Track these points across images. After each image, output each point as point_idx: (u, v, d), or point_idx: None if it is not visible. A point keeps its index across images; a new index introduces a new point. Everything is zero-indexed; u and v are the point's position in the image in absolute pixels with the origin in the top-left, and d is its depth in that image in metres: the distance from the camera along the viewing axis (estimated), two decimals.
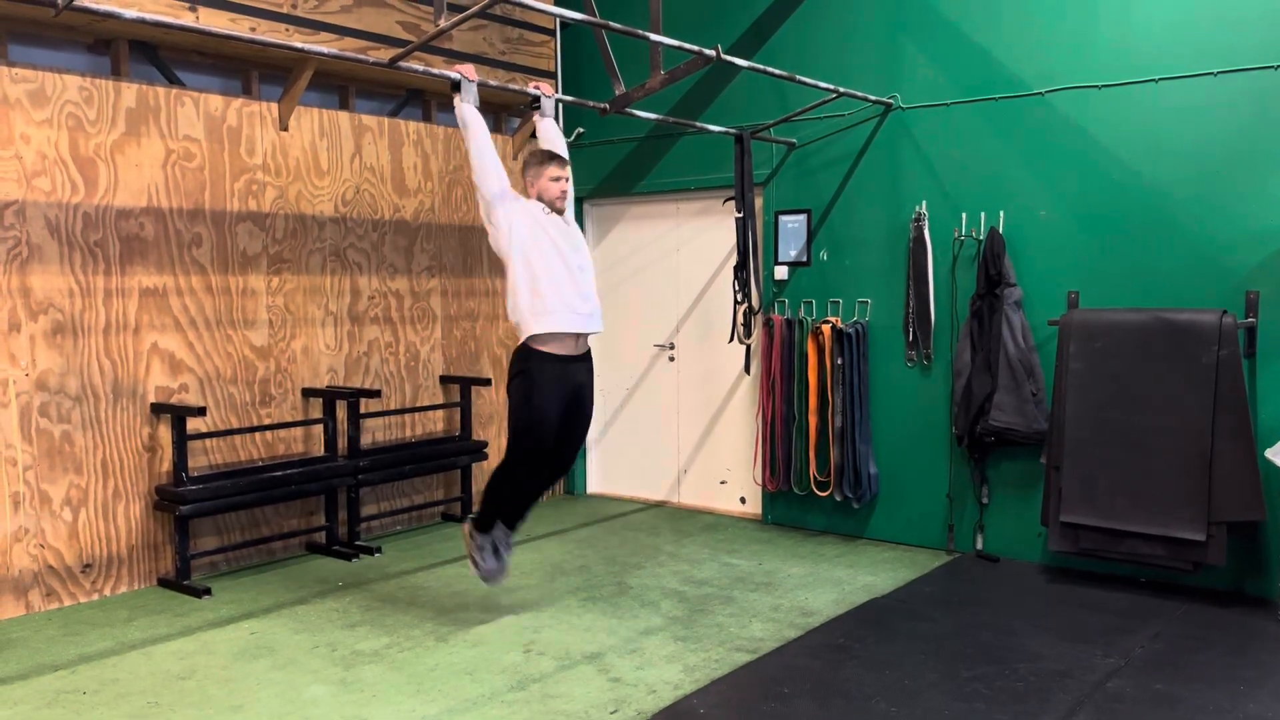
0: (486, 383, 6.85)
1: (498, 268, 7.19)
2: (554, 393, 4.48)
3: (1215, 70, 5.10)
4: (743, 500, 7.02)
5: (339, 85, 6.37)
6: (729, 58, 4.92)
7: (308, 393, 6.07)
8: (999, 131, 5.75)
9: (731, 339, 6.40)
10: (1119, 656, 4.31)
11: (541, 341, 4.46)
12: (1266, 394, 5.03)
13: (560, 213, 4.63)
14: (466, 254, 7.02)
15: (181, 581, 5.34)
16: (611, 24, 4.56)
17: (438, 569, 5.73)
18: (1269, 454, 4.71)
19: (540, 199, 4.59)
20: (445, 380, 6.89)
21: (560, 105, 5.84)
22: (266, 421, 5.90)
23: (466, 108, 4.47)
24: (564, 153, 4.79)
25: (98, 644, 4.58)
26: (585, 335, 4.59)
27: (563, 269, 4.49)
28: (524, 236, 4.47)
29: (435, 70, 4.69)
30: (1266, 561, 5.04)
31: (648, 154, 7.20)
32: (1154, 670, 4.16)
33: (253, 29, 5.42)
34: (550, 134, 4.91)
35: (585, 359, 4.65)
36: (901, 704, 3.85)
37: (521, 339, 4.50)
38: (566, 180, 4.64)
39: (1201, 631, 4.62)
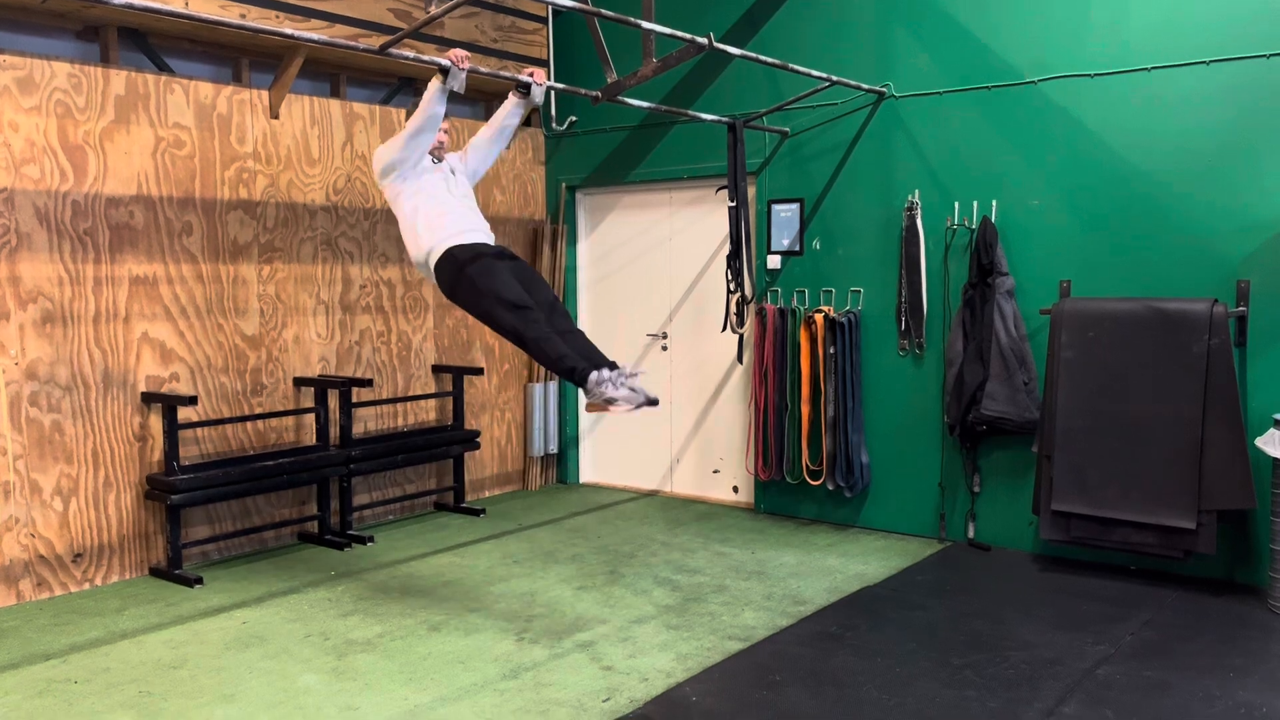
0: (479, 372, 6.84)
1: None
2: (472, 256, 4.42)
3: (1208, 59, 5.10)
4: (735, 489, 7.02)
5: (330, 73, 6.33)
6: (721, 46, 4.90)
7: (299, 382, 6.05)
8: (992, 121, 5.74)
9: (724, 328, 6.40)
10: (1110, 644, 4.33)
11: (446, 247, 4.45)
12: (1257, 383, 5.05)
13: (441, 160, 4.70)
14: None
15: (173, 571, 5.33)
16: (604, 11, 4.54)
17: (430, 558, 5.73)
18: (1259, 442, 4.73)
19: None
20: (437, 369, 6.88)
21: (552, 93, 5.81)
22: (258, 411, 5.89)
23: (438, 105, 4.39)
24: (494, 133, 4.83)
25: (89, 633, 4.57)
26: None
27: (449, 208, 4.54)
28: (411, 190, 4.53)
29: (426, 57, 4.66)
30: (1256, 550, 5.06)
31: (640, 143, 7.18)
32: (1144, 657, 4.18)
33: (243, 15, 5.38)
34: (505, 117, 4.85)
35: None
36: (893, 691, 3.87)
37: (434, 263, 4.46)
38: (443, 132, 4.68)
39: (1192, 619, 4.64)
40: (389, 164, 4.52)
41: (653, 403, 4.21)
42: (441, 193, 4.60)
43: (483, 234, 4.62)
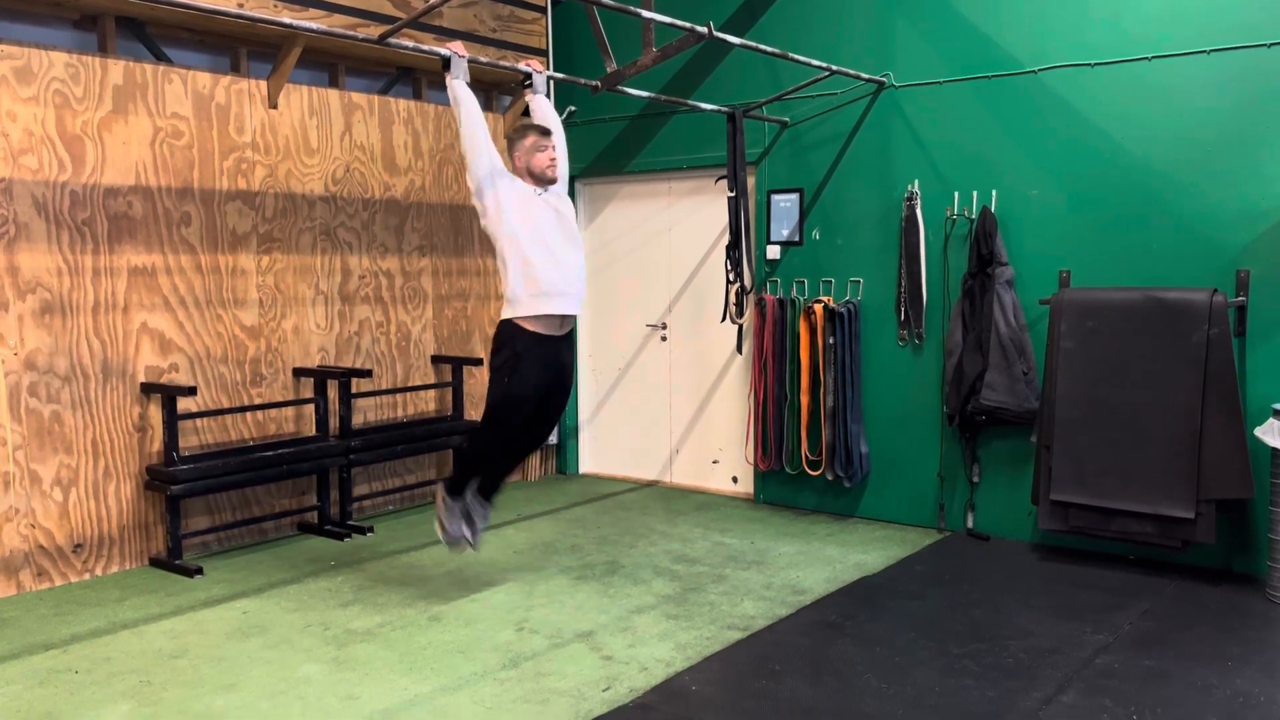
0: (478, 362, 6.84)
1: (489, 247, 7.16)
2: (538, 371, 4.49)
3: (1208, 48, 5.09)
4: (735, 480, 7.03)
5: (329, 63, 6.32)
6: (721, 35, 4.89)
7: (299, 372, 6.05)
8: (991, 110, 5.73)
9: (724, 319, 6.39)
10: (1108, 633, 4.34)
11: (528, 321, 4.47)
12: (1256, 372, 5.05)
13: (553, 182, 4.63)
14: (457, 233, 6.99)
15: (173, 561, 5.34)
16: (603, 0, 4.53)
17: (430, 548, 5.74)
18: (1258, 432, 4.73)
19: (530, 173, 4.57)
20: (437, 360, 6.88)
21: (551, 83, 5.81)
22: (257, 401, 5.89)
23: (458, 84, 4.44)
24: (556, 126, 4.78)
25: (90, 623, 4.58)
26: (571, 316, 4.59)
27: (552, 251, 4.49)
28: (513, 219, 4.45)
29: (425, 47, 4.65)
30: (1254, 539, 5.07)
31: (639, 132, 7.17)
32: (1143, 647, 4.19)
33: (241, 4, 5.37)
34: (544, 109, 4.90)
35: (569, 338, 4.66)
36: (892, 681, 3.87)
37: (507, 316, 4.50)
38: (553, 148, 4.63)
39: (1190, 608, 4.65)
40: (472, 176, 4.47)
41: (457, 543, 4.77)
42: (539, 230, 4.48)
43: (573, 299, 4.54)
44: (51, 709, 3.72)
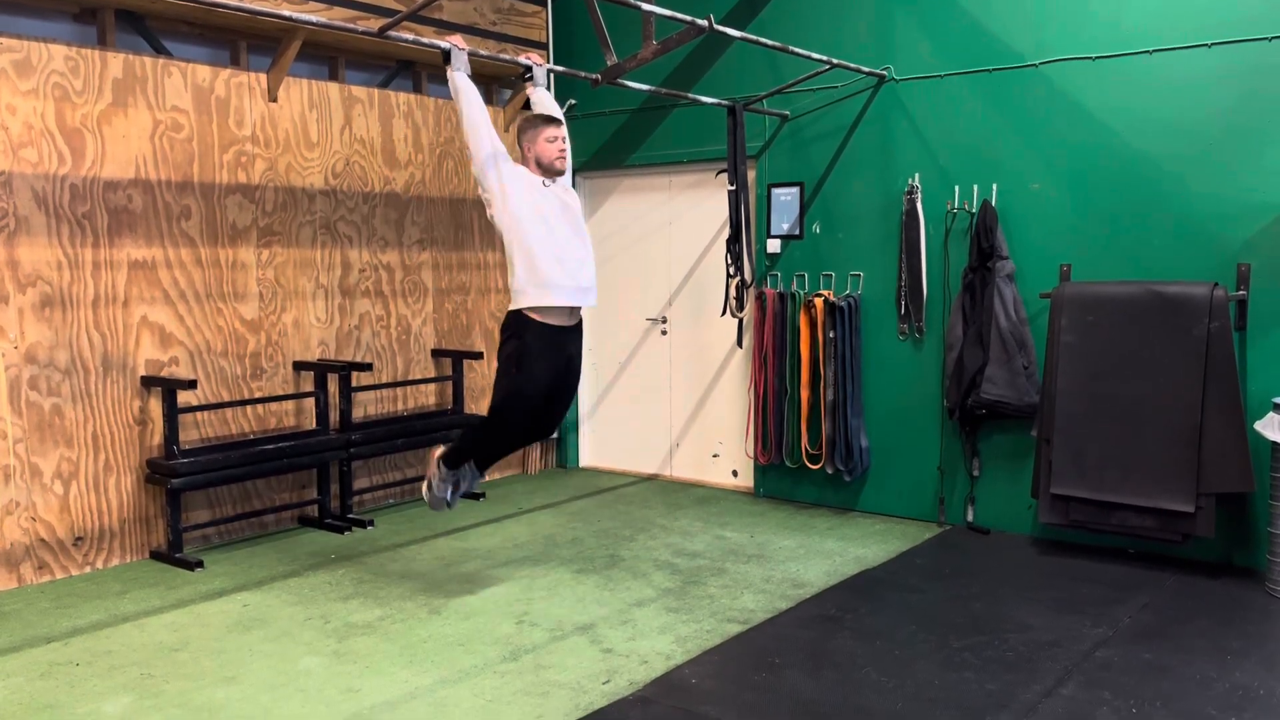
0: (478, 356, 6.84)
1: (489, 241, 7.16)
2: (546, 362, 4.48)
3: (1209, 42, 5.08)
4: (735, 473, 7.03)
5: (328, 56, 6.31)
6: (722, 28, 4.88)
7: (299, 366, 6.05)
8: (992, 104, 5.72)
9: (724, 312, 6.39)
10: (1108, 627, 4.34)
11: (537, 312, 4.46)
12: (1257, 366, 5.04)
13: (560, 174, 4.63)
14: (458, 227, 6.98)
15: (173, 554, 5.34)
16: None
17: (430, 542, 5.74)
18: (1258, 426, 4.73)
19: (539, 164, 4.57)
20: (437, 354, 6.88)
21: (551, 76, 5.80)
22: (257, 395, 5.89)
23: (459, 75, 4.44)
24: (559, 116, 4.79)
25: (90, 616, 4.59)
26: (579, 307, 4.59)
27: (558, 243, 4.47)
28: (519, 207, 4.44)
29: (425, 40, 4.64)
30: (1254, 533, 5.07)
31: (640, 126, 7.16)
32: (1142, 640, 4.19)
33: None
34: (545, 101, 4.90)
35: (577, 329, 4.65)
36: (892, 674, 3.88)
37: (516, 307, 4.50)
38: (563, 140, 4.63)
39: (1190, 602, 4.65)
40: (475, 162, 4.46)
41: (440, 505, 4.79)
42: (546, 219, 4.47)
43: (580, 291, 4.52)
44: (52, 701, 3.73)
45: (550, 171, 4.58)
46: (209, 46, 5.78)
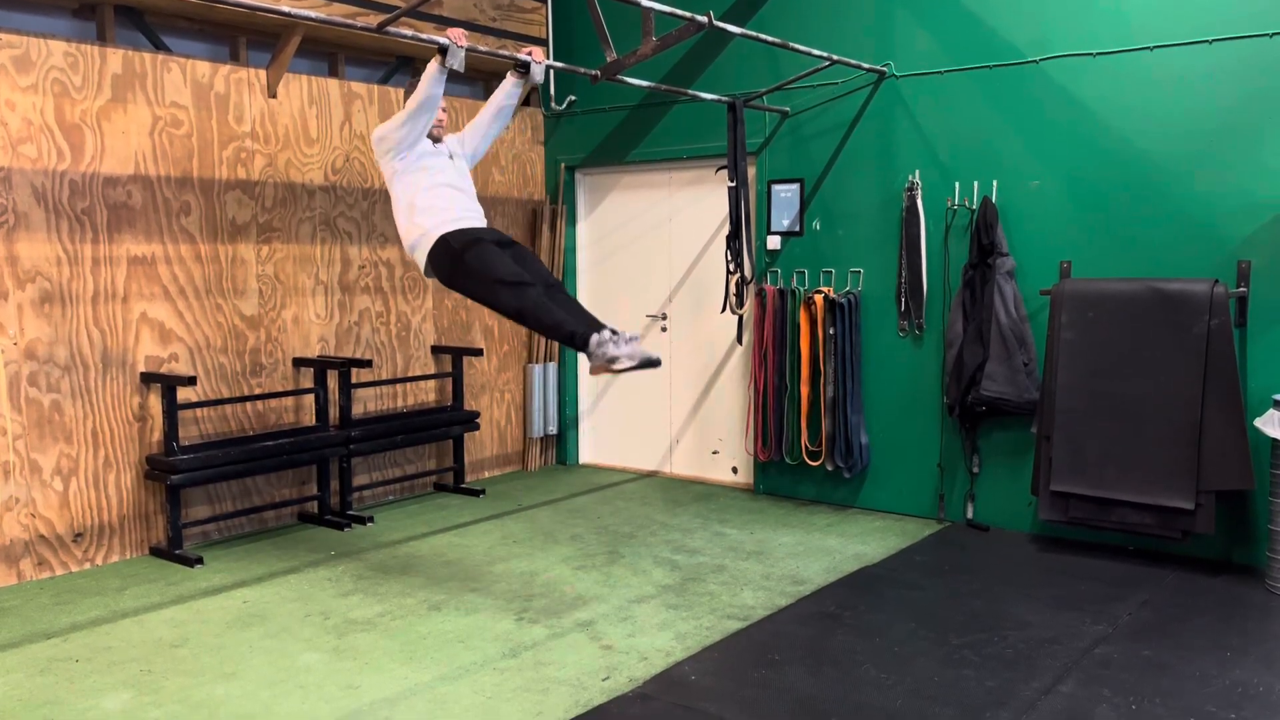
0: (478, 353, 6.84)
1: None
2: (466, 238, 4.42)
3: (1210, 39, 5.07)
4: (734, 470, 7.03)
5: (328, 52, 6.30)
6: (721, 24, 4.87)
7: (299, 362, 6.05)
8: (993, 100, 5.72)
9: (724, 309, 6.39)
10: (1107, 624, 4.34)
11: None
12: (1257, 363, 5.04)
13: (437, 140, 4.67)
14: None
15: (173, 551, 5.35)
16: None
17: (430, 538, 5.75)
18: (1258, 423, 4.73)
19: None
20: (437, 350, 6.88)
21: (551, 72, 5.78)
22: (257, 391, 5.89)
23: (437, 86, 4.37)
24: (500, 115, 4.82)
25: (90, 612, 4.59)
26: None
27: (444, 187, 4.53)
28: (409, 171, 4.52)
29: (425, 36, 4.63)
30: (1254, 530, 5.07)
31: (640, 122, 7.15)
32: (1142, 637, 4.19)
33: None
34: (498, 96, 4.83)
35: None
36: (891, 671, 3.88)
37: (429, 247, 4.44)
38: (442, 111, 4.66)
39: (1189, 599, 4.65)
40: (387, 144, 4.49)
41: (654, 363, 4.16)
42: (438, 176, 4.57)
43: (477, 219, 4.59)
44: (52, 697, 3.73)
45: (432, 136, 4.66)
46: (208, 42, 5.77)
